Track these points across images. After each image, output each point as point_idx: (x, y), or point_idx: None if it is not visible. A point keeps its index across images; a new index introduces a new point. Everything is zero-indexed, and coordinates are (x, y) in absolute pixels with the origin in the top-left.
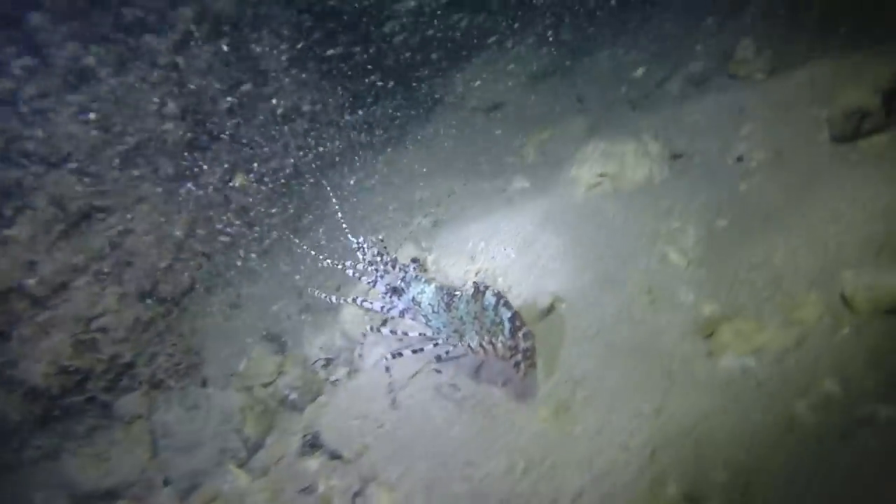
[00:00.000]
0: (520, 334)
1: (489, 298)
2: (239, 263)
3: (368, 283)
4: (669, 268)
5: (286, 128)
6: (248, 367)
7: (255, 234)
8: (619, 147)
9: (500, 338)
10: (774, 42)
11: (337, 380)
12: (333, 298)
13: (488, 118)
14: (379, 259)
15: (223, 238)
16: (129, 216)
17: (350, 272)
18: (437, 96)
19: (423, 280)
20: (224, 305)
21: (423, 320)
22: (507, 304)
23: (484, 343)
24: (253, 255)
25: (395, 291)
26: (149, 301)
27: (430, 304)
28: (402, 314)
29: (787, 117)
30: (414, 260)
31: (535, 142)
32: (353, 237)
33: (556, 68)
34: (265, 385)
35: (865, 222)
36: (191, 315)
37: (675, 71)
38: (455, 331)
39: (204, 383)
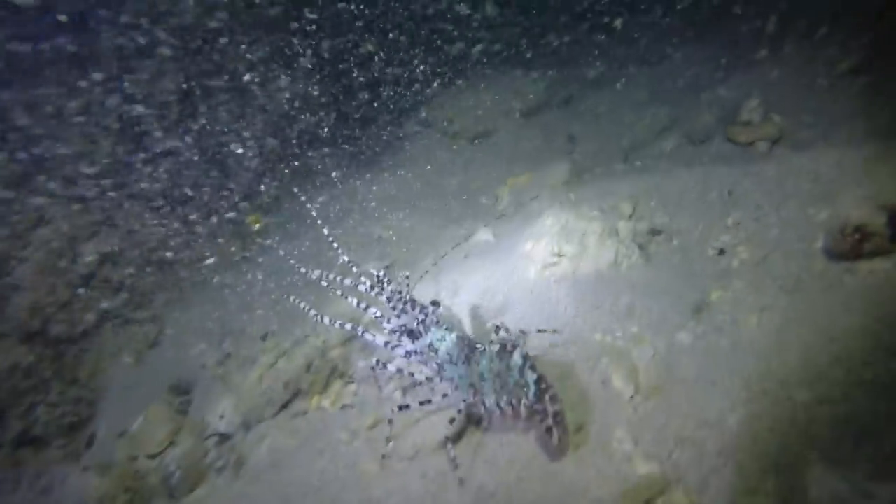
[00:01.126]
0: (547, 397)
1: (516, 359)
2: (166, 295)
3: (381, 318)
4: (611, 395)
5: None
6: (141, 429)
7: (190, 259)
8: (582, 224)
9: (524, 400)
10: (785, 105)
11: (222, 467)
12: (325, 318)
13: (473, 147)
14: (398, 297)
15: (149, 266)
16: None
17: (359, 305)
18: (421, 116)
19: (444, 327)
20: (140, 344)
21: (436, 368)
22: (533, 367)
23: (502, 404)
24: (184, 285)
25: (411, 334)
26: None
27: (448, 353)
28: (407, 355)
29: (781, 213)
30: (434, 303)
31: (513, 185)
32: (374, 270)
33: (554, 100)
34: (151, 456)
35: (844, 398)
36: (92, 357)
37: (675, 123)
38: (471, 385)
39: (90, 442)
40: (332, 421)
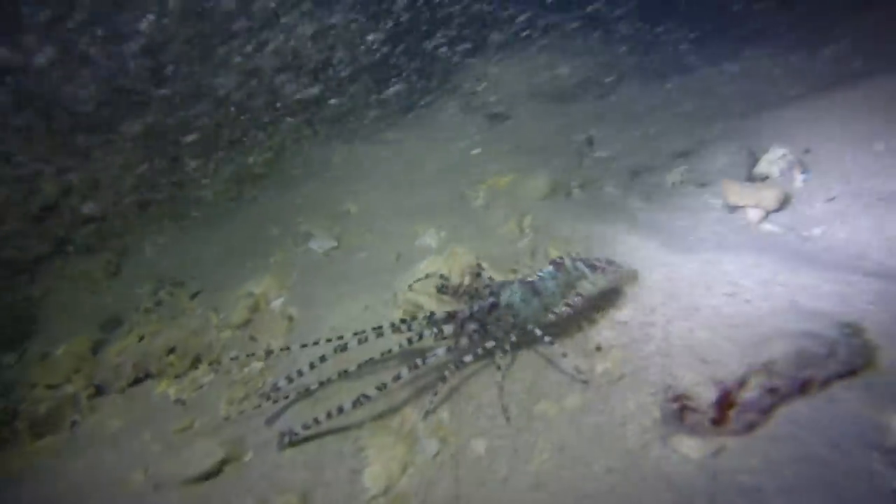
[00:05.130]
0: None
1: (568, 263)
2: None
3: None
4: None
5: None
6: (55, 358)
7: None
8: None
9: (583, 282)
10: (834, 161)
11: (74, 422)
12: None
13: (487, 125)
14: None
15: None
16: None
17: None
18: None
19: (506, 284)
20: (99, 275)
21: (511, 322)
22: (583, 260)
23: (569, 301)
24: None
25: (489, 309)
26: None
27: (522, 300)
28: (470, 336)
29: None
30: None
31: (492, 185)
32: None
33: (592, 88)
34: (49, 387)
35: None
36: (47, 281)
37: (694, 152)
38: (545, 308)
39: (20, 358)
40: (159, 414)
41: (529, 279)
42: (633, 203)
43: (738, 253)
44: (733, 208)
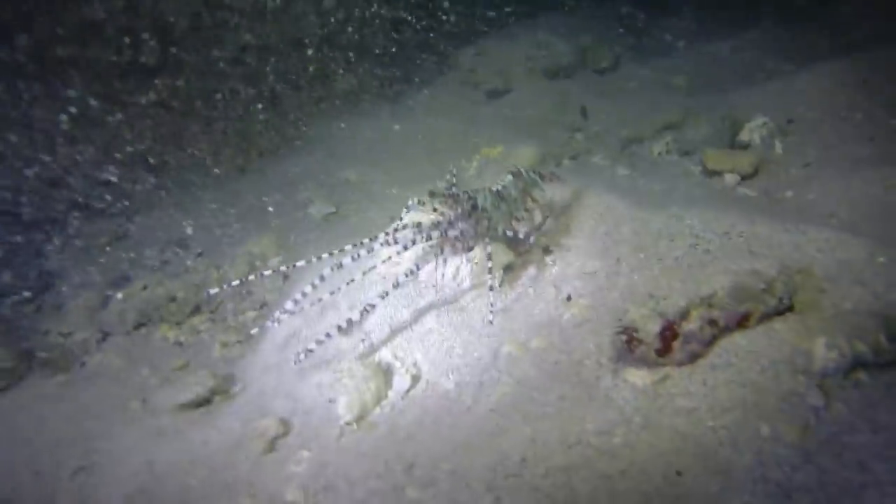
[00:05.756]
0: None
1: (523, 172)
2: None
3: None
4: None
5: None
6: (67, 311)
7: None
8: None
9: (536, 189)
10: (817, 129)
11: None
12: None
13: (485, 101)
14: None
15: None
16: None
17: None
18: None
19: (478, 191)
20: (108, 237)
21: (486, 225)
22: (534, 170)
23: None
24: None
25: (469, 212)
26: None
27: (492, 204)
28: (455, 239)
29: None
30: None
31: (485, 155)
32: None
33: (591, 64)
34: (62, 334)
35: None
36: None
37: (683, 123)
38: (510, 213)
39: (38, 309)
40: (158, 354)
41: (494, 187)
42: (619, 171)
43: (703, 209)
44: (711, 174)
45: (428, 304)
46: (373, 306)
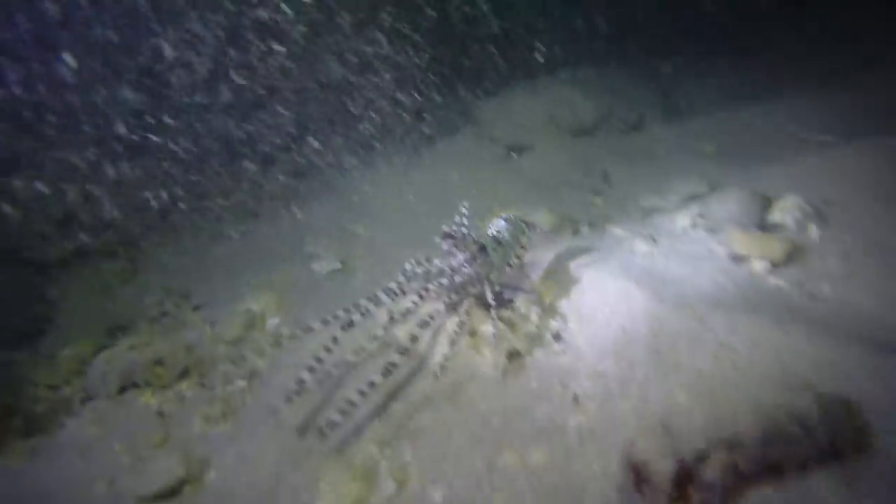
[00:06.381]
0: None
1: (512, 217)
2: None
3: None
4: None
5: None
6: (57, 361)
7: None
8: None
9: (523, 235)
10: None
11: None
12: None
13: (506, 157)
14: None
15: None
16: None
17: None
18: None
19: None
20: (115, 279)
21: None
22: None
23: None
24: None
25: (479, 251)
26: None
27: (493, 248)
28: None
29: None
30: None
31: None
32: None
33: (615, 122)
34: (49, 387)
35: None
36: (64, 283)
37: (690, 202)
38: (505, 257)
39: (32, 354)
40: (137, 424)
41: (490, 232)
42: (638, 246)
43: (731, 310)
44: (738, 258)
45: (423, 396)
46: (363, 393)
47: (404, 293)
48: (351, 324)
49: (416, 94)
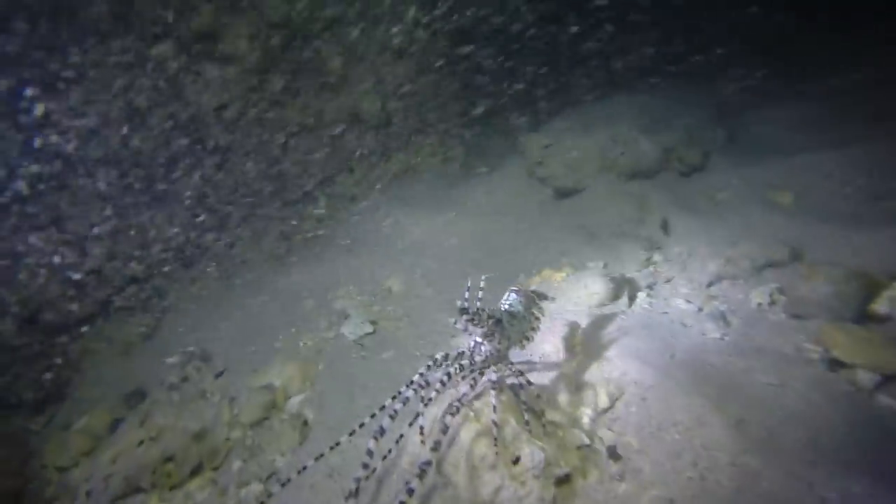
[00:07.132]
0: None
1: (523, 289)
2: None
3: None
4: None
5: None
6: (72, 435)
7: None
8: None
9: (535, 307)
10: None
11: None
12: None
13: (554, 199)
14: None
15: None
16: None
17: None
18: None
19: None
20: (135, 338)
21: (506, 344)
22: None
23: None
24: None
25: (495, 328)
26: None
27: (509, 322)
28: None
29: None
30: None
31: (546, 278)
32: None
33: (673, 163)
34: (60, 469)
35: None
36: (84, 342)
37: (766, 271)
38: (521, 331)
39: (48, 422)
40: None
41: (504, 308)
42: (708, 328)
43: (839, 461)
44: (836, 364)
45: None
46: None
47: (428, 384)
48: (382, 432)
49: (460, 122)
